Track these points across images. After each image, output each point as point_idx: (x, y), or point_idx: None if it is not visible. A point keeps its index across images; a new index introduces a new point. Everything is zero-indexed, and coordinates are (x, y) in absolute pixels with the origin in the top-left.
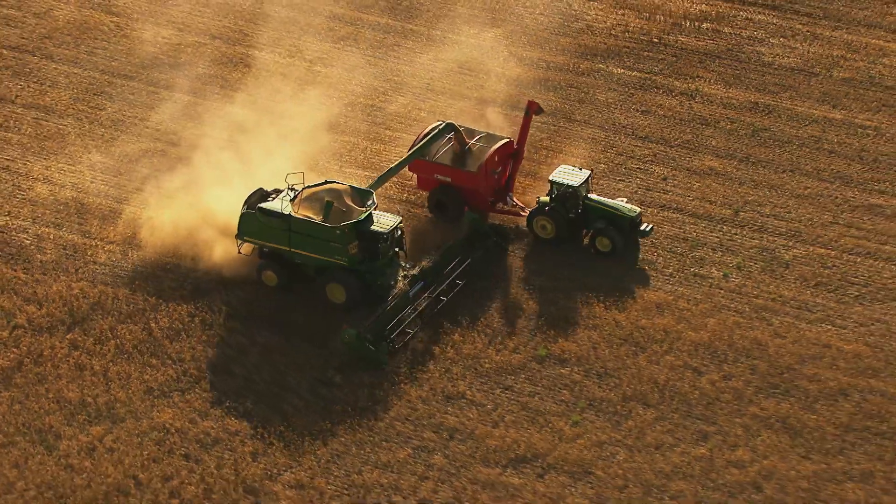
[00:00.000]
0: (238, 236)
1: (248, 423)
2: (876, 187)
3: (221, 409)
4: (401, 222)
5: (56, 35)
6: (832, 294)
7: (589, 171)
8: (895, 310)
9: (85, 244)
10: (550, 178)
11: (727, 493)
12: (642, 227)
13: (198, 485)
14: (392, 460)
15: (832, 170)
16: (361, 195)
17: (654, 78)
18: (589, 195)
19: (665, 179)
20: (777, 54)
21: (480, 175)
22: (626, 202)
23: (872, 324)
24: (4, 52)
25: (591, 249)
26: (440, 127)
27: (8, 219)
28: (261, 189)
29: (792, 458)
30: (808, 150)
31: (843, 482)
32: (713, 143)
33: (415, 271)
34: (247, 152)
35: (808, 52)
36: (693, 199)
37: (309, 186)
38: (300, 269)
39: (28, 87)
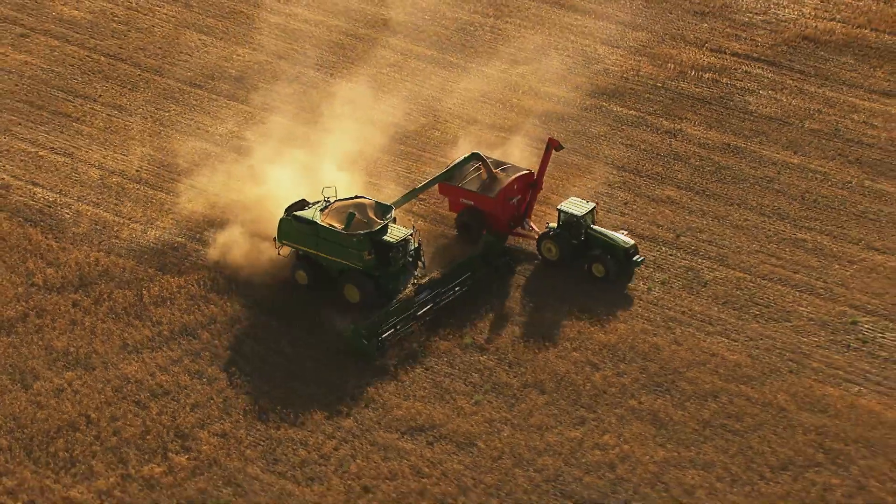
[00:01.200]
0: (277, 239)
1: (197, 380)
2: (805, 224)
3: (180, 366)
4: (412, 234)
5: (149, 47)
6: (735, 311)
7: (594, 204)
8: (785, 329)
9: (114, 221)
10: (559, 207)
11: (584, 470)
12: (635, 259)
13: (137, 427)
14: (308, 420)
15: (773, 206)
16: (383, 209)
17: (646, 117)
18: (592, 225)
19: (626, 204)
20: (761, 104)
21: (498, 201)
22: (626, 234)
23: (761, 339)
24: (102, 58)
25: (588, 274)
26: (466, 156)
27: (57, 196)
28: (303, 199)
29: (650, 446)
30: (759, 188)
31: (687, 469)
32: (678, 177)
33: (424, 280)
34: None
35: (790, 104)
36: (644, 223)
37: (340, 199)
38: (326, 271)
39: (111, 89)
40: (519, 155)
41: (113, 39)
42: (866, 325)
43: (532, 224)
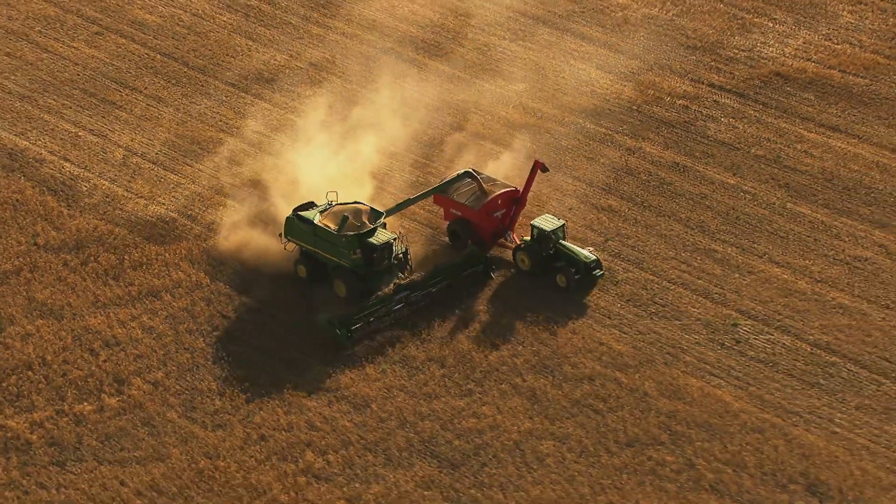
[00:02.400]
0: (284, 235)
1: (147, 335)
2: (721, 237)
3: (137, 322)
4: (395, 239)
5: (201, 49)
6: (635, 308)
7: (563, 222)
8: (673, 326)
9: (123, 196)
10: (532, 222)
11: (456, 434)
12: (595, 272)
13: (83, 370)
14: (232, 376)
15: (698, 220)
16: (375, 215)
17: (613, 135)
18: (561, 240)
19: (570, 209)
20: (719, 130)
21: (482, 213)
22: (591, 251)
23: (649, 334)
24: (158, 56)
25: (553, 283)
26: (459, 172)
27: (81, 171)
28: (312, 202)
29: (519, 418)
30: (691, 203)
31: (545, 440)
32: (624, 189)
33: (404, 281)
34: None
35: (744, 132)
36: (581, 226)
37: (341, 203)
38: (323, 266)
39: (157, 82)
40: (488, 161)
41: (172, 40)
42: (745, 328)
43: (515, 236)
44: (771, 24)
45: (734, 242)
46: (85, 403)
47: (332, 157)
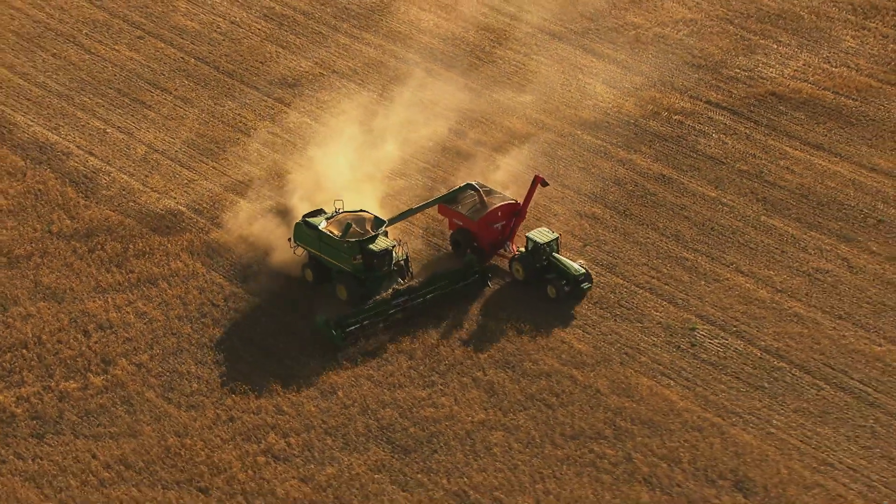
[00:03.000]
0: (293, 240)
1: (139, 319)
2: (693, 246)
3: (131, 307)
4: (394, 247)
5: (233, 54)
6: (601, 310)
7: (557, 235)
8: (634, 328)
9: (138, 189)
10: (527, 234)
11: (413, 422)
12: (583, 285)
13: (74, 350)
14: (210, 360)
15: (675, 229)
16: (378, 223)
17: (608, 147)
18: (554, 253)
19: (556, 215)
20: (709, 145)
21: (481, 224)
22: (582, 264)
23: (610, 334)
24: (192, 60)
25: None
26: (461, 185)
27: (104, 164)
28: (322, 209)
29: (475, 409)
30: (670, 213)
31: (496, 430)
32: (609, 197)
33: (402, 287)
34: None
35: (732, 147)
36: (563, 230)
37: (347, 211)
38: (328, 270)
39: (187, 84)
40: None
41: (207, 46)
42: (702, 332)
43: (513, 247)
44: (775, 47)
45: (705, 252)
46: (71, 381)
47: (342, 161)
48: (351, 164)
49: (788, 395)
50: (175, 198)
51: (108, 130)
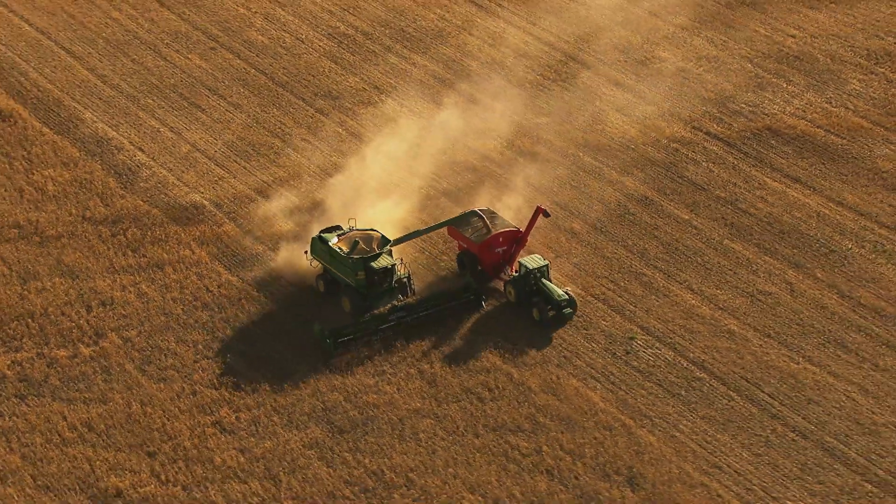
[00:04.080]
0: (309, 252)
1: (139, 299)
2: (654, 263)
3: (135, 288)
4: (394, 265)
5: (290, 67)
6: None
7: (547, 262)
8: (580, 334)
9: (172, 183)
10: (519, 260)
11: (354, 405)
12: (565, 311)
13: (73, 322)
14: (203, 340)
15: (641, 246)
16: (384, 242)
17: (603, 168)
18: (543, 279)
19: (537, 228)
20: (697, 172)
21: (482, 247)
22: (567, 291)
23: (556, 339)
24: (252, 71)
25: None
26: (466, 212)
27: (148, 159)
28: (339, 226)
29: (414, 398)
30: (641, 232)
31: (427, 417)
32: (591, 215)
33: (400, 303)
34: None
35: (717, 175)
36: (538, 242)
37: (358, 229)
38: (336, 283)
39: (241, 92)
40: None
41: (270, 59)
42: (640, 342)
43: (512, 270)
44: (784, 85)
45: (664, 269)
46: (62, 350)
47: (359, 170)
48: (364, 173)
49: (700, 403)
50: (202, 192)
51: (161, 130)
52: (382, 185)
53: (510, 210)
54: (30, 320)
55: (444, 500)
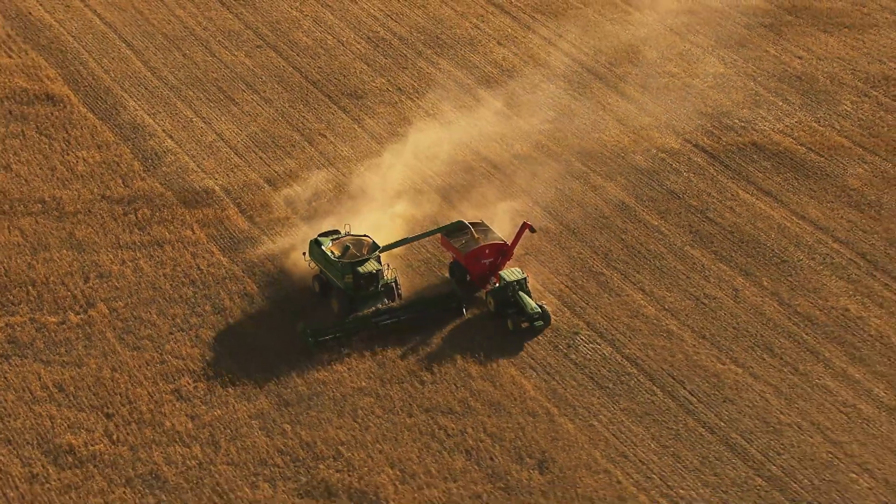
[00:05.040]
0: (307, 254)
1: (133, 274)
2: (614, 265)
3: (133, 263)
4: (379, 270)
5: (325, 67)
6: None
7: (525, 276)
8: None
9: (191, 168)
10: (500, 272)
11: (304, 381)
12: (536, 322)
13: (69, 291)
14: (182, 313)
15: (606, 247)
16: (374, 248)
17: (589, 174)
18: (520, 291)
19: (515, 225)
20: (676, 182)
21: (468, 258)
22: (541, 304)
23: (507, 334)
24: (289, 68)
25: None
26: (452, 223)
27: (175, 146)
28: (337, 230)
29: (361, 377)
30: (609, 234)
31: (368, 396)
32: (567, 216)
33: (384, 307)
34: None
35: (694, 186)
36: (521, 248)
37: (352, 234)
38: (329, 285)
39: (274, 87)
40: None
41: (309, 58)
42: (583, 337)
43: (497, 281)
44: (780, 104)
45: (622, 270)
46: (53, 316)
47: (367, 169)
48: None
49: (624, 396)
50: (216, 179)
51: (193, 119)
52: (383, 182)
53: (491, 209)
54: (31, 287)
55: (363, 472)
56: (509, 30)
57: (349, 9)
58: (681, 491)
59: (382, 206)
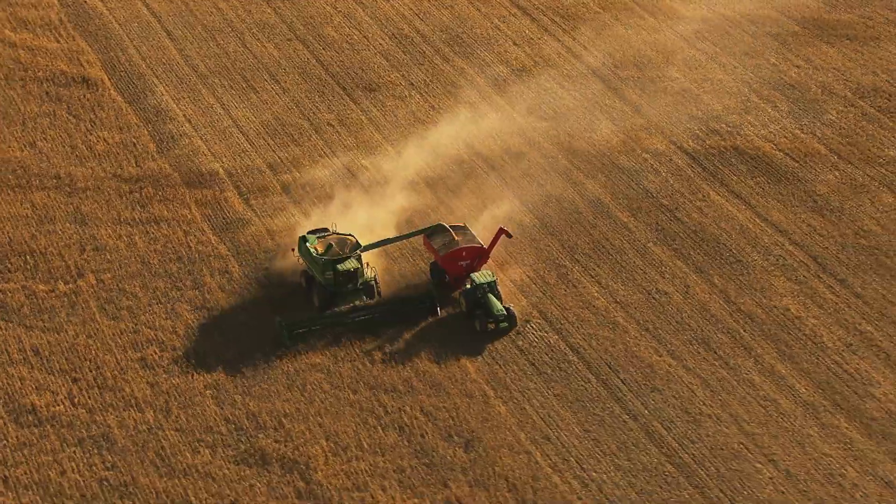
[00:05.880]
0: (296, 250)
1: (127, 248)
2: (577, 257)
3: (128, 238)
4: (358, 269)
5: (346, 61)
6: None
7: (495, 278)
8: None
9: (201, 151)
10: (471, 274)
11: (264, 357)
12: (501, 324)
13: (65, 262)
14: (163, 286)
15: (572, 242)
16: (355, 247)
17: (573, 170)
18: (489, 293)
19: (493, 217)
20: (653, 181)
21: (445, 259)
22: (508, 307)
23: (460, 325)
24: (313, 60)
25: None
26: (433, 225)
27: (191, 130)
28: (326, 228)
29: (316, 353)
30: (579, 229)
31: (319, 372)
32: (544, 210)
33: (361, 304)
34: None
35: (670, 185)
36: (482, 232)
37: (337, 233)
38: (313, 280)
39: (294, 77)
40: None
41: (333, 52)
42: (533, 325)
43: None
44: (770, 110)
45: (583, 262)
46: (44, 285)
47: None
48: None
49: (560, 382)
50: (222, 162)
51: (213, 106)
52: (379, 174)
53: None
54: (29, 257)
55: (299, 443)
56: (527, 31)
57: (380, 6)
58: (593, 474)
59: (373, 197)
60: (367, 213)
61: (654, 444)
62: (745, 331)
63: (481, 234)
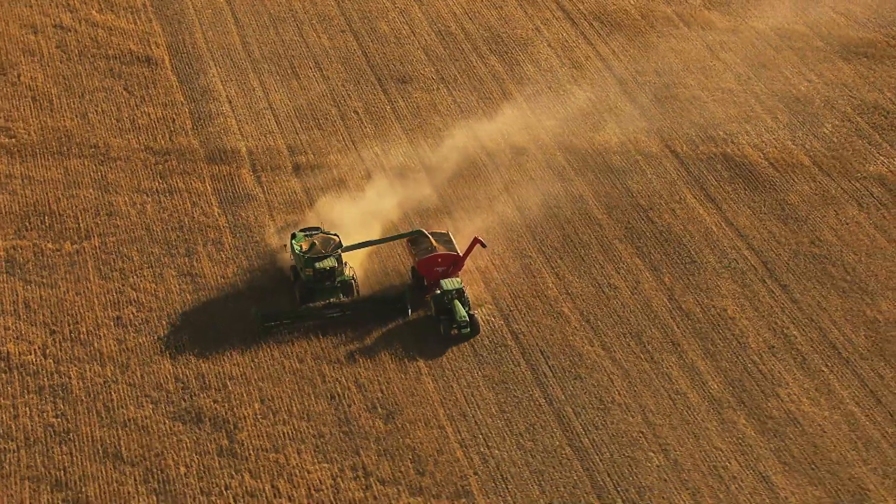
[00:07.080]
0: (288, 246)
1: (137, 214)
2: (545, 250)
3: (141, 205)
4: (337, 267)
5: (387, 52)
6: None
7: (462, 285)
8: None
9: (232, 130)
10: (441, 279)
11: (232, 328)
12: (463, 329)
13: (76, 224)
14: (157, 253)
15: (544, 235)
16: (337, 247)
17: (566, 168)
18: (456, 299)
19: (478, 207)
20: (638, 181)
21: (420, 264)
22: (472, 313)
23: (417, 300)
24: (357, 51)
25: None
26: (412, 231)
27: (229, 110)
28: (318, 227)
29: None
30: (555, 222)
31: (278, 353)
32: (525, 203)
33: (336, 301)
34: None
35: (654, 187)
36: (471, 222)
37: (323, 232)
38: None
39: (336, 67)
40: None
41: (379, 45)
42: (484, 311)
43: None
44: (769, 121)
45: (548, 254)
46: (52, 243)
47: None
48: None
49: (492, 364)
50: (245, 140)
51: (256, 89)
52: (384, 162)
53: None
54: (47, 217)
55: (235, 404)
56: (564, 34)
57: (435, 4)
58: (496, 451)
59: (371, 185)
60: (366, 200)
61: (560, 428)
62: (678, 327)
63: (468, 227)
